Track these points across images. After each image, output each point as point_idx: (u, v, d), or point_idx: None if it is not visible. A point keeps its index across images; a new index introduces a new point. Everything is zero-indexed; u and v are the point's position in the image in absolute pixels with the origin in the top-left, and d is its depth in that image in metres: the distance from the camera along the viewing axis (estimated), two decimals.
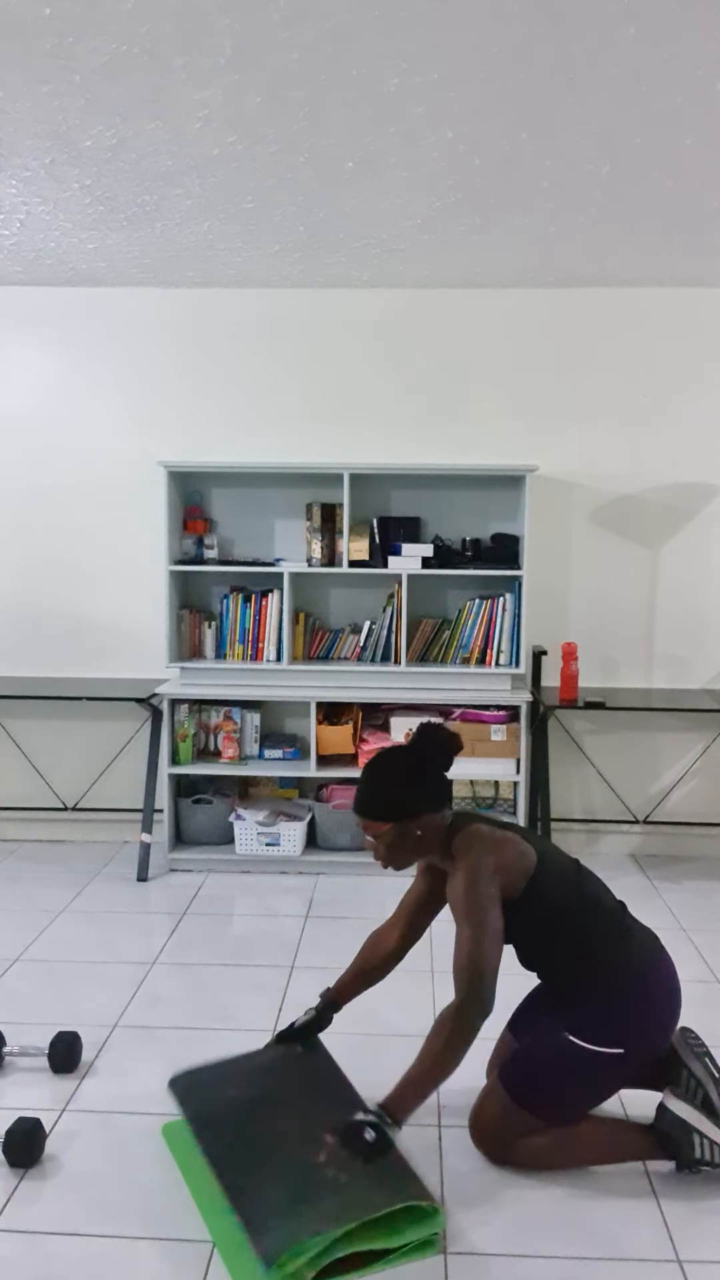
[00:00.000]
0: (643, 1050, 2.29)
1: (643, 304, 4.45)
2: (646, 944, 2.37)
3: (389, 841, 2.28)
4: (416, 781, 2.28)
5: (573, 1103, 2.32)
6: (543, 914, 2.29)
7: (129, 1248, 2.07)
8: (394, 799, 2.27)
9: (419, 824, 2.27)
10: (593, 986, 2.29)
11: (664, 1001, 2.32)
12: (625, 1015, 2.27)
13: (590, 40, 2.37)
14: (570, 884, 2.34)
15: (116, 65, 2.50)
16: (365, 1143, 2.07)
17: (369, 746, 4.31)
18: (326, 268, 4.19)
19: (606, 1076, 2.30)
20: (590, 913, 2.33)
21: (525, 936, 2.34)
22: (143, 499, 4.58)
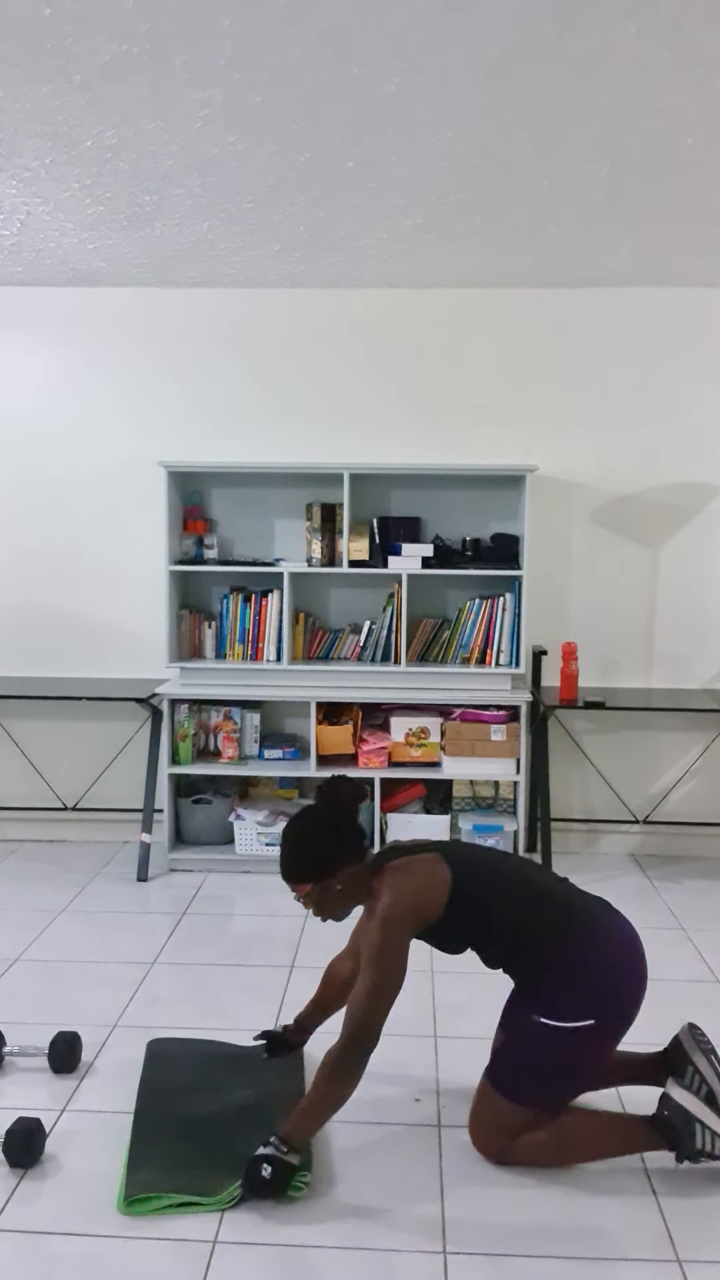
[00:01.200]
0: (612, 1015, 2.29)
1: (643, 304, 4.45)
2: (592, 912, 2.38)
3: (315, 899, 2.38)
4: (327, 841, 2.36)
5: (557, 1085, 2.32)
6: (473, 915, 2.32)
7: (129, 1248, 2.07)
8: (309, 861, 2.35)
9: (338, 879, 2.35)
10: (545, 965, 2.31)
11: (621, 964, 2.32)
12: (585, 985, 2.28)
13: (590, 40, 2.37)
14: (494, 878, 2.37)
15: (116, 65, 2.50)
16: (262, 1180, 2.16)
17: (369, 746, 4.31)
18: (326, 268, 4.19)
19: (583, 1051, 2.30)
20: (521, 897, 2.35)
21: (468, 940, 2.37)
22: (143, 499, 4.58)
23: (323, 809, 2.41)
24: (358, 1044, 2.21)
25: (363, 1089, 2.61)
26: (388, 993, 2.23)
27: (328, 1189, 2.26)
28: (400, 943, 2.25)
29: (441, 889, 2.29)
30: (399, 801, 4.41)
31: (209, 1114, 2.48)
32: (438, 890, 2.29)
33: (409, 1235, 2.11)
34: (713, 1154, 2.25)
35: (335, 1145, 2.41)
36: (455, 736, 4.28)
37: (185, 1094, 2.57)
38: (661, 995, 3.17)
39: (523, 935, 2.32)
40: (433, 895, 2.29)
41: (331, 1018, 2.65)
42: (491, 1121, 2.34)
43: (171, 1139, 2.38)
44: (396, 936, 2.25)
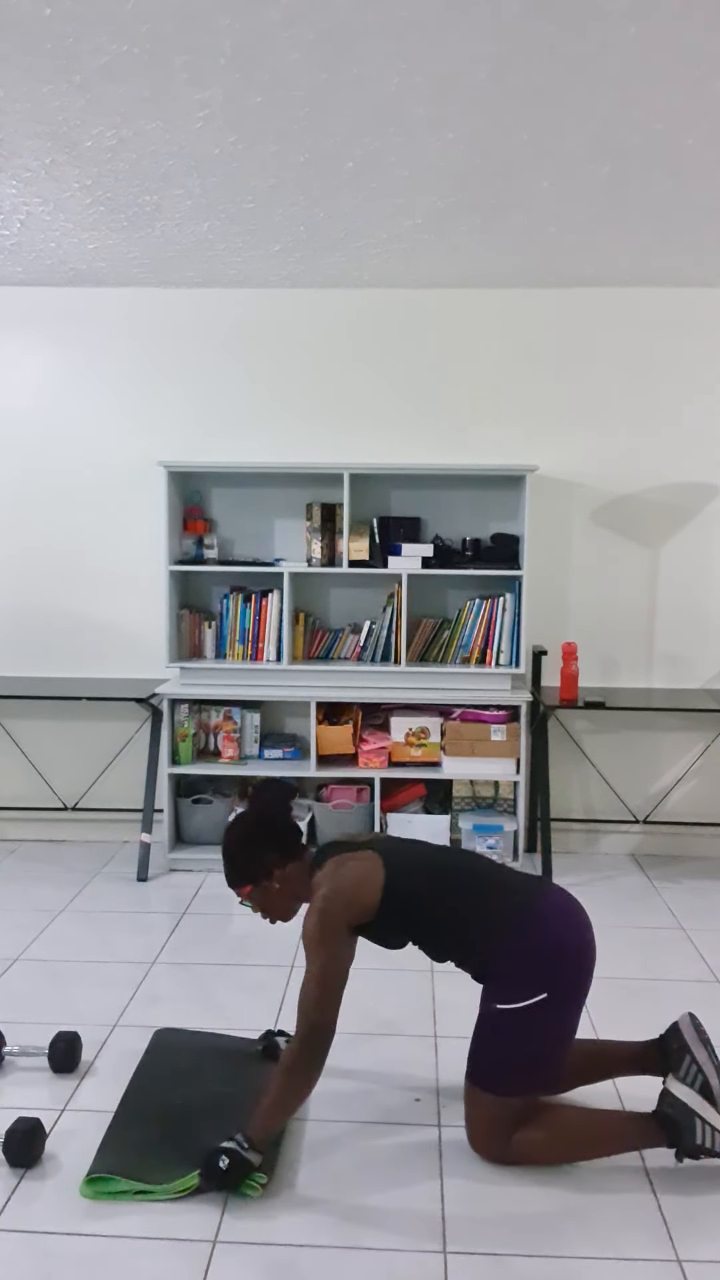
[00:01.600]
0: (562, 985, 2.29)
1: (643, 304, 4.45)
2: (525, 892, 2.39)
3: (258, 900, 2.43)
4: (259, 843, 2.41)
5: (532, 1065, 2.32)
6: (410, 909, 2.35)
7: (129, 1248, 2.07)
8: (244, 865, 2.41)
9: (275, 879, 2.40)
10: (488, 952, 2.32)
11: (561, 934, 2.33)
12: (528, 963, 2.29)
13: (590, 40, 2.37)
14: (429, 872, 2.40)
15: (116, 65, 2.50)
16: (218, 1170, 2.19)
17: (369, 746, 4.31)
18: (326, 268, 4.19)
19: (546, 1025, 2.30)
20: (456, 889, 2.37)
21: (407, 935, 2.40)
22: (143, 499, 4.58)
23: (253, 812, 2.47)
24: (313, 1036, 2.25)
25: (363, 1089, 2.61)
26: (333, 980, 2.27)
27: (328, 1189, 2.26)
28: (339, 931, 2.29)
29: (376, 882, 2.32)
30: (399, 801, 4.41)
31: (186, 1104, 2.50)
32: (373, 883, 2.32)
33: (409, 1235, 2.11)
34: (713, 1150, 2.26)
35: (335, 1145, 2.42)
36: (455, 736, 4.28)
37: (172, 1083, 2.59)
38: (661, 995, 3.18)
39: (461, 926, 2.35)
40: (368, 888, 2.31)
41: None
42: (483, 1121, 2.34)
43: (144, 1125, 2.41)
44: (335, 926, 2.28)
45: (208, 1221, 2.15)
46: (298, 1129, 2.47)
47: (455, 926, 2.36)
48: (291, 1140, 2.43)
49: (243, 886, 2.41)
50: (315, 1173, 2.31)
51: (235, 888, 2.43)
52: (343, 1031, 2.89)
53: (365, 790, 4.41)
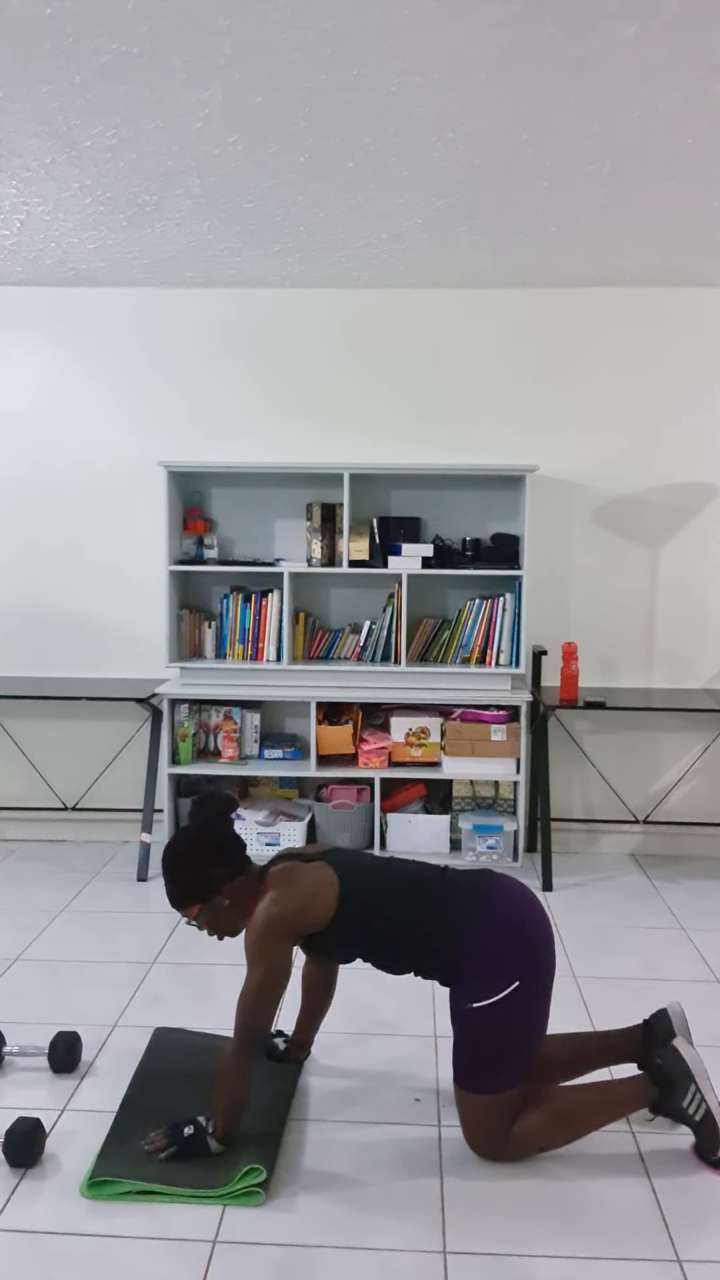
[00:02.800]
0: (531, 968, 2.30)
1: (643, 304, 4.45)
2: (475, 888, 2.38)
3: (207, 919, 2.40)
4: (205, 861, 2.37)
5: (514, 1056, 2.31)
6: (364, 921, 2.34)
7: (129, 1247, 2.07)
8: (191, 884, 2.37)
9: (223, 894, 2.37)
10: (451, 955, 2.32)
11: (521, 920, 2.33)
12: (495, 955, 2.29)
13: (590, 40, 2.37)
14: (381, 880, 2.39)
15: (116, 65, 2.50)
16: (183, 1138, 2.29)
17: (369, 746, 4.31)
18: (326, 268, 4.19)
19: (522, 1013, 2.30)
20: (409, 894, 2.37)
21: (359, 948, 2.39)
22: (143, 499, 4.58)
23: (194, 829, 2.42)
24: (247, 1038, 2.29)
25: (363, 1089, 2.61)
26: (273, 990, 2.29)
27: (328, 1189, 2.26)
28: (282, 943, 2.29)
29: (329, 894, 2.31)
30: (399, 801, 4.41)
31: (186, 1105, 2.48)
32: (327, 894, 2.31)
33: (409, 1235, 2.11)
34: (691, 1118, 2.28)
35: (335, 1145, 2.42)
36: (455, 736, 4.28)
37: (173, 1086, 2.59)
38: (662, 995, 3.18)
39: (418, 934, 2.34)
40: (322, 899, 2.30)
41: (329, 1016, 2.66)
42: (479, 1123, 2.34)
43: (145, 1128, 2.39)
44: (278, 937, 2.28)
45: (208, 1221, 2.15)
46: (298, 1129, 2.47)
47: (413, 935, 2.34)
48: (292, 1140, 2.43)
49: (190, 907, 2.37)
50: (315, 1173, 2.31)
51: (181, 909, 2.39)
52: (343, 1031, 2.91)
53: (365, 790, 4.41)
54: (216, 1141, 2.30)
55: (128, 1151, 2.33)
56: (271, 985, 2.28)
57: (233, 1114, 2.31)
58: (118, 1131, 2.41)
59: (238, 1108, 2.31)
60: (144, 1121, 2.42)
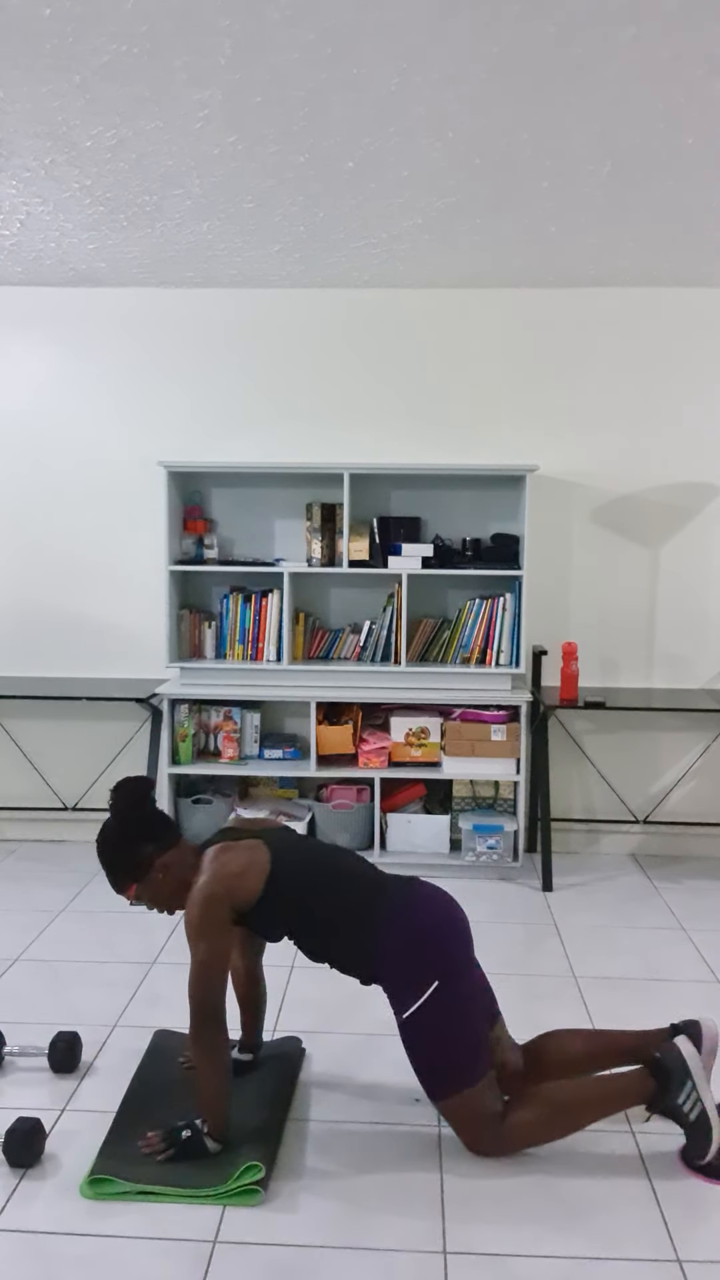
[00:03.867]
0: (447, 964, 2.31)
1: (643, 304, 4.45)
2: (398, 889, 2.42)
3: (147, 897, 2.43)
4: (132, 840, 2.41)
5: (458, 1052, 2.31)
6: (289, 902, 2.38)
7: (129, 1248, 2.07)
8: (121, 866, 2.41)
9: (156, 870, 2.40)
10: (368, 953, 2.35)
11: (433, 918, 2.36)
12: (409, 956, 2.31)
13: (590, 40, 2.37)
14: (314, 866, 2.42)
15: (116, 65, 2.50)
16: (180, 1140, 2.30)
17: (369, 746, 4.31)
18: (326, 268, 4.19)
19: (451, 1009, 2.30)
20: (338, 886, 2.40)
21: (284, 928, 2.42)
22: (143, 499, 4.58)
23: (116, 813, 2.45)
24: (203, 1019, 2.29)
25: (363, 1089, 2.61)
26: (215, 963, 2.29)
27: (328, 1189, 2.26)
28: (219, 915, 2.31)
29: (260, 871, 2.34)
30: (399, 801, 4.41)
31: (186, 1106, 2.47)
32: (256, 871, 2.34)
33: (409, 1235, 2.11)
34: (685, 1117, 2.28)
35: (335, 1145, 2.42)
36: (455, 736, 4.28)
37: (173, 1087, 2.58)
38: (662, 995, 3.18)
39: (340, 927, 2.37)
40: (250, 876, 2.33)
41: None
42: (462, 1124, 2.35)
43: (145, 1128, 2.39)
44: (214, 911, 2.30)
45: (208, 1221, 2.15)
46: (298, 1129, 2.48)
47: (335, 926, 2.37)
48: (292, 1140, 2.43)
49: (128, 886, 2.41)
50: (315, 1173, 2.31)
51: (121, 890, 2.43)
52: (343, 1031, 2.91)
53: (365, 790, 4.41)
54: (213, 1141, 2.30)
55: (127, 1152, 2.33)
56: (214, 961, 2.29)
57: (215, 1105, 2.31)
58: (117, 1131, 2.41)
59: (217, 1096, 2.31)
60: (144, 1122, 2.42)
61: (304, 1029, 2.94)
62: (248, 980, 2.70)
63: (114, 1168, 2.27)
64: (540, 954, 3.52)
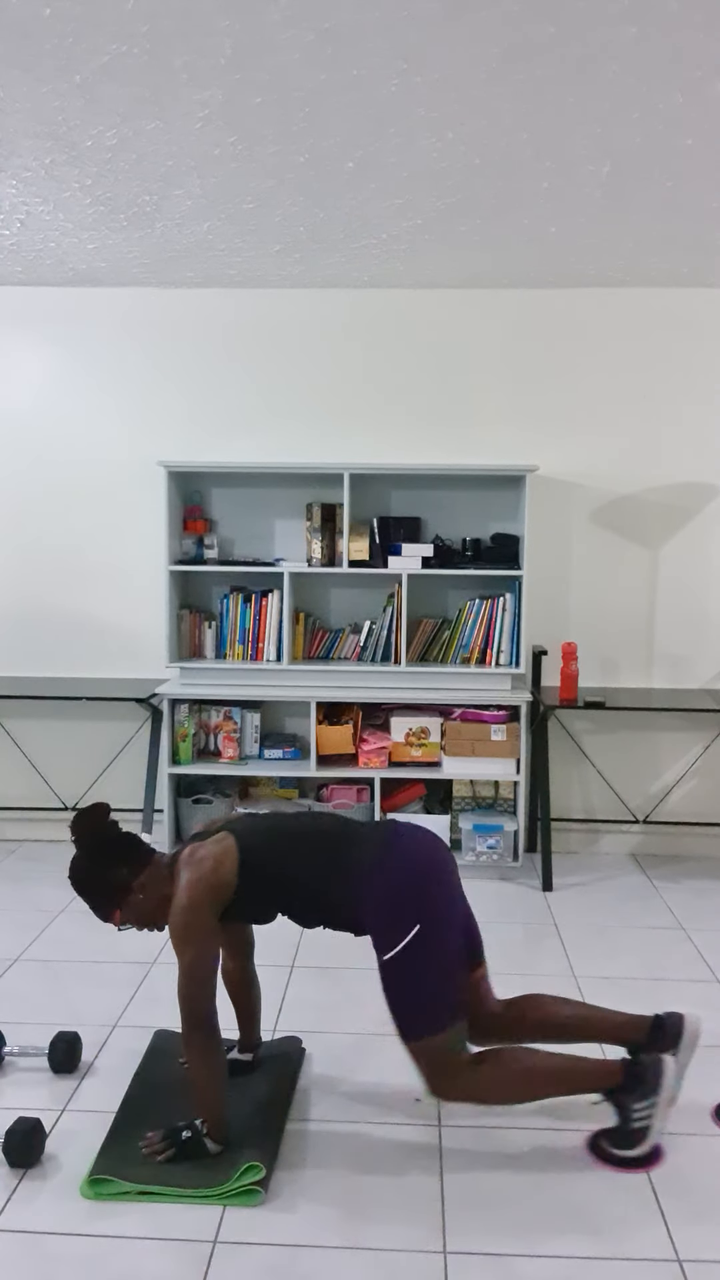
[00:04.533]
0: (429, 908, 2.31)
1: (643, 304, 4.45)
2: (373, 836, 2.43)
3: (133, 919, 2.44)
4: (101, 868, 2.42)
5: (438, 994, 2.31)
6: (268, 879, 2.39)
7: (129, 1248, 2.07)
8: (99, 894, 2.42)
9: (136, 890, 2.41)
10: (349, 904, 2.36)
11: (414, 862, 2.36)
12: (390, 901, 2.32)
13: (590, 40, 2.37)
14: (280, 840, 2.43)
15: (116, 65, 2.50)
16: (181, 1141, 2.31)
17: (369, 746, 4.31)
18: (326, 268, 4.19)
19: (432, 953, 2.30)
20: (307, 847, 2.41)
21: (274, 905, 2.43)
22: (143, 499, 4.58)
23: (81, 845, 2.45)
24: (195, 1022, 2.29)
25: (363, 1089, 2.61)
26: (204, 973, 2.30)
27: (328, 1189, 2.26)
28: (202, 919, 2.31)
29: (231, 860, 2.35)
30: (399, 801, 4.41)
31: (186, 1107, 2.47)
32: (228, 861, 2.35)
33: (409, 1235, 2.11)
34: (630, 1121, 2.32)
35: (335, 1145, 2.42)
36: (455, 736, 4.28)
37: (173, 1088, 2.58)
38: (662, 995, 3.18)
39: (317, 885, 2.38)
40: (223, 869, 2.34)
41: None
42: (426, 1067, 2.34)
43: (145, 1128, 2.39)
44: (197, 914, 2.31)
45: (208, 1221, 2.15)
46: (298, 1129, 2.48)
47: (313, 887, 2.38)
48: (292, 1140, 2.43)
49: (112, 912, 2.42)
50: (315, 1172, 2.31)
51: (107, 918, 2.44)
52: (344, 1031, 2.91)
53: (365, 790, 4.41)
54: (213, 1142, 2.31)
55: (127, 1152, 2.33)
56: (202, 963, 2.30)
57: (213, 1108, 2.31)
58: (117, 1132, 2.41)
59: (214, 1098, 2.32)
60: (144, 1122, 2.42)
61: (304, 1029, 2.94)
62: (241, 981, 2.70)
63: (114, 1168, 2.27)
64: (540, 954, 3.52)
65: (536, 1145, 2.42)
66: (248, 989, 2.71)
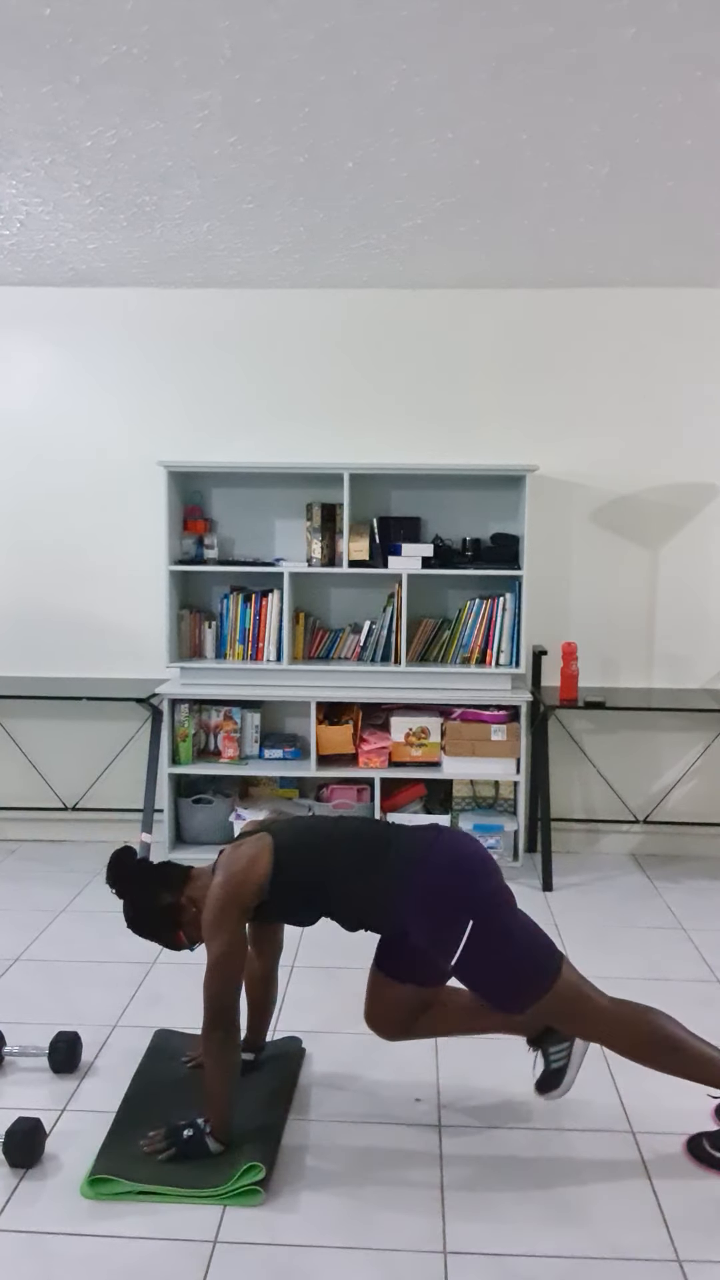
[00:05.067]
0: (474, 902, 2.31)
1: (643, 304, 4.45)
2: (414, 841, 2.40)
3: (193, 935, 2.45)
4: (151, 900, 2.45)
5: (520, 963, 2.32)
6: (301, 880, 2.37)
7: (129, 1248, 2.07)
8: (158, 926, 2.46)
9: (185, 908, 2.43)
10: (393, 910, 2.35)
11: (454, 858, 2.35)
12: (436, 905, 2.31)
13: (590, 40, 2.37)
14: (317, 840, 2.42)
15: (116, 65, 2.50)
16: (182, 1140, 2.31)
17: (369, 746, 4.31)
18: (326, 268, 4.19)
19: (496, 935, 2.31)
20: (344, 852, 2.39)
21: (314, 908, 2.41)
22: (143, 499, 4.58)
23: (121, 891, 2.46)
24: (216, 1019, 2.28)
25: (363, 1089, 2.61)
26: (232, 968, 2.30)
27: (328, 1189, 2.26)
28: (232, 916, 2.31)
29: (265, 860, 2.34)
30: (399, 801, 4.41)
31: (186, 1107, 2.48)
32: (262, 861, 2.34)
33: (409, 1235, 2.11)
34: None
35: (335, 1145, 2.42)
36: (455, 736, 4.28)
37: (174, 1087, 2.59)
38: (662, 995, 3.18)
39: (357, 891, 2.36)
40: (257, 867, 2.34)
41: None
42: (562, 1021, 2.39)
43: (145, 1128, 2.39)
44: (227, 912, 2.31)
45: (208, 1221, 2.15)
46: (299, 1129, 2.48)
47: (353, 889, 2.36)
48: (292, 1139, 2.43)
49: (175, 937, 2.45)
50: (315, 1173, 2.31)
51: (175, 946, 2.46)
52: (344, 1031, 2.91)
53: (365, 790, 4.41)
54: (215, 1141, 2.31)
55: (128, 1152, 2.33)
56: (229, 966, 2.29)
57: (221, 1106, 2.31)
58: (118, 1131, 2.41)
59: (222, 1097, 2.31)
60: (144, 1122, 2.42)
61: (304, 1029, 2.94)
62: (263, 982, 2.68)
63: (115, 1168, 2.27)
64: None
65: (536, 1145, 2.43)
66: (267, 990, 2.69)
